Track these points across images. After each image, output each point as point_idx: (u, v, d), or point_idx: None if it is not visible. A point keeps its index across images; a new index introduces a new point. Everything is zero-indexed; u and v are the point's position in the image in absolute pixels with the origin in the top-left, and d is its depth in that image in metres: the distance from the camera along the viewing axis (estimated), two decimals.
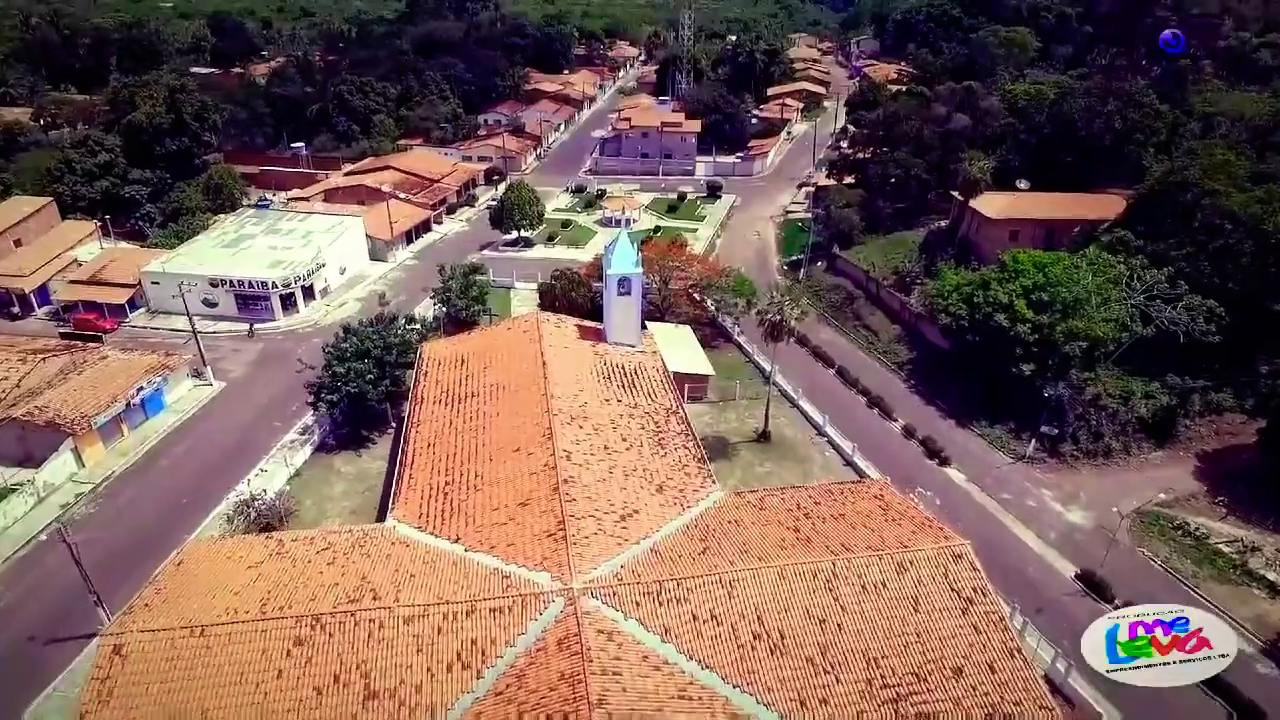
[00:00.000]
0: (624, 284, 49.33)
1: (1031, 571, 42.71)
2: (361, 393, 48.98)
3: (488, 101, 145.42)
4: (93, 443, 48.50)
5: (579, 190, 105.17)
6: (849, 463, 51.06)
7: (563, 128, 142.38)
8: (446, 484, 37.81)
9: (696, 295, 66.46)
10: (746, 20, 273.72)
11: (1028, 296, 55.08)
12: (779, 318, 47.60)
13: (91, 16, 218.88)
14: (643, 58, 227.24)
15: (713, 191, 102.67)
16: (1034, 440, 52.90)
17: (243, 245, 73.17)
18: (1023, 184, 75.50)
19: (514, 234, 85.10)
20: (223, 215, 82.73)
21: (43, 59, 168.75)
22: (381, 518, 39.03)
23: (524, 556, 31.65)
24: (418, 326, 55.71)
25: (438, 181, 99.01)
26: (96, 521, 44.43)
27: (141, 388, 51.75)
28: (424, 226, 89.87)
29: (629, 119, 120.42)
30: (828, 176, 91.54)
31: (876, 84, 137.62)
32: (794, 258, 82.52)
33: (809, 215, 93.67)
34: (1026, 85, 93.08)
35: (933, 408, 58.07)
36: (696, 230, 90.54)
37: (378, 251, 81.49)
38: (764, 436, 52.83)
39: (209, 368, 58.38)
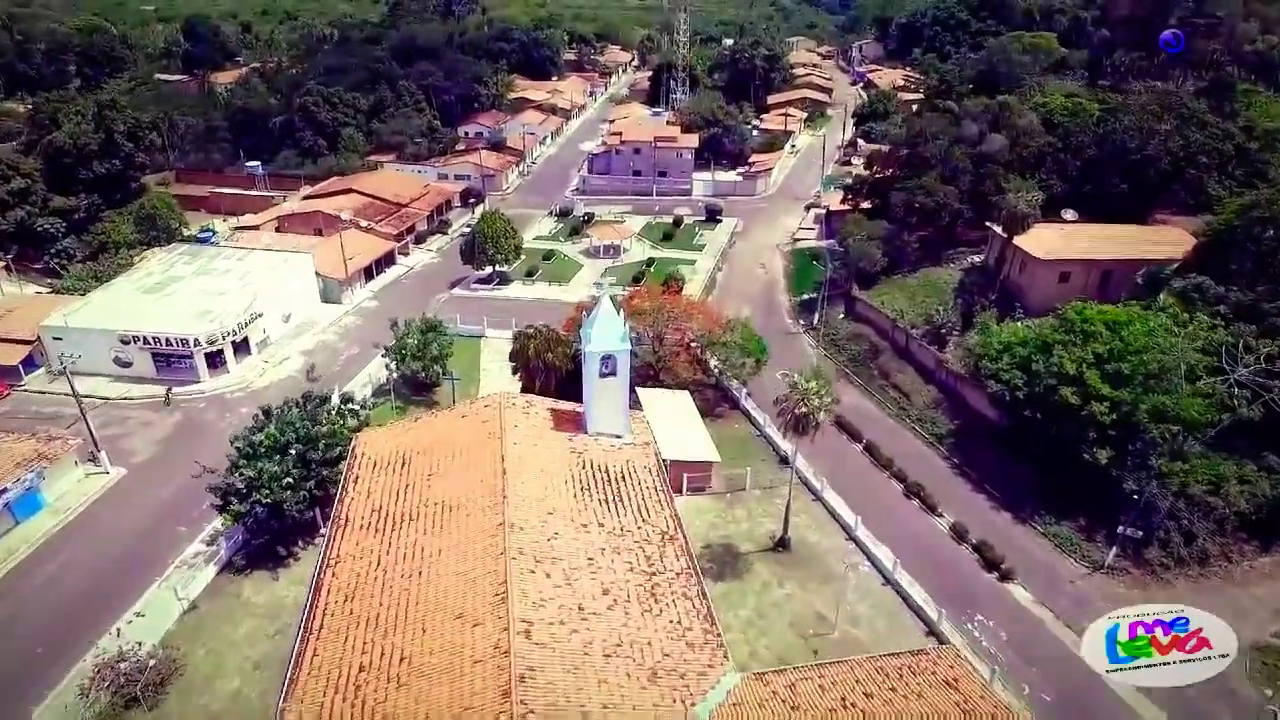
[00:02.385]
0: (608, 363, 39.29)
1: None
2: (278, 502, 38.73)
3: (469, 112, 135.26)
4: None
5: (564, 214, 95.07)
6: (889, 581, 41.05)
7: (549, 140, 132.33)
8: (362, 670, 27.60)
9: (697, 351, 56.34)
10: (742, 23, 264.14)
11: (1100, 366, 45.25)
12: (804, 410, 37.55)
13: (64, 19, 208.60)
14: (636, 62, 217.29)
15: (712, 215, 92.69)
16: (1114, 545, 43.00)
17: (168, 290, 62.85)
18: (1069, 214, 65.64)
19: (488, 269, 74.95)
20: (155, 250, 72.28)
21: None
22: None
23: None
24: (355, 407, 45.32)
25: (406, 206, 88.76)
26: None
27: (6, 489, 41.41)
28: (388, 259, 79.64)
29: (619, 133, 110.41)
30: (842, 201, 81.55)
31: (886, 93, 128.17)
32: (806, 296, 72.52)
33: (821, 244, 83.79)
34: (1062, 98, 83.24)
35: (982, 495, 48.16)
36: (695, 262, 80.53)
37: (331, 292, 71.25)
38: (782, 544, 42.79)
39: (104, 451, 48.00)
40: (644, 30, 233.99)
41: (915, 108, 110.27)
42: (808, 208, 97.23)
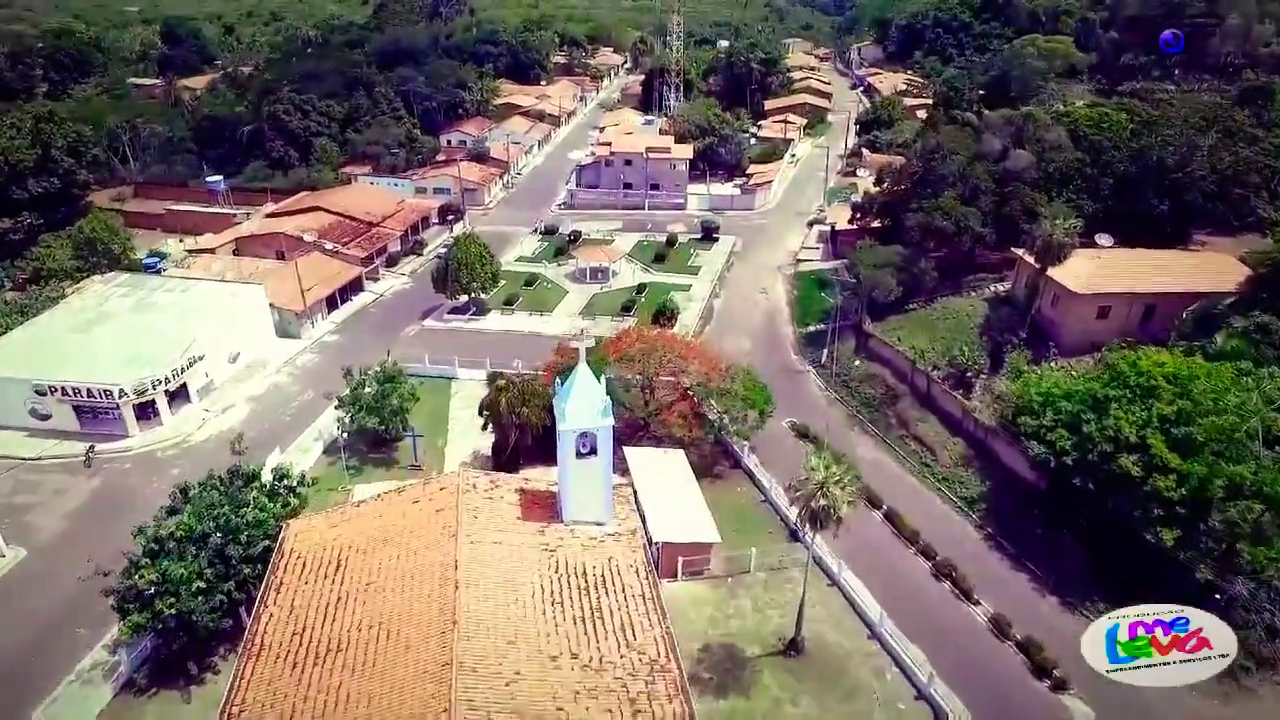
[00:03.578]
0: (586, 440, 32.66)
1: None
2: (187, 611, 31.93)
3: (453, 119, 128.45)
4: None
5: (549, 232, 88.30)
6: (922, 695, 34.45)
7: (536, 149, 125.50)
8: None
9: (692, 397, 49.57)
10: (737, 25, 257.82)
11: (1165, 429, 38.79)
12: (824, 503, 30.91)
13: (40, 20, 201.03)
14: (628, 65, 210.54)
15: (708, 233, 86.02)
16: None
17: (99, 328, 55.93)
18: (1105, 240, 59.21)
19: (463, 298, 68.18)
20: (95, 279, 65.27)
21: None
22: None
23: None
24: (291, 484, 38.48)
25: (378, 225, 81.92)
26: None
27: None
28: (354, 285, 72.78)
29: (609, 143, 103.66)
30: (850, 221, 74.92)
31: (891, 99, 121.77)
32: (812, 328, 65.91)
33: (826, 266, 77.21)
34: (1085, 108, 76.93)
35: (1023, 574, 41.66)
36: (689, 288, 73.84)
37: (288, 325, 64.39)
38: (795, 646, 36.15)
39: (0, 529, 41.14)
40: (637, 32, 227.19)
41: (926, 117, 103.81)
42: (811, 224, 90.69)
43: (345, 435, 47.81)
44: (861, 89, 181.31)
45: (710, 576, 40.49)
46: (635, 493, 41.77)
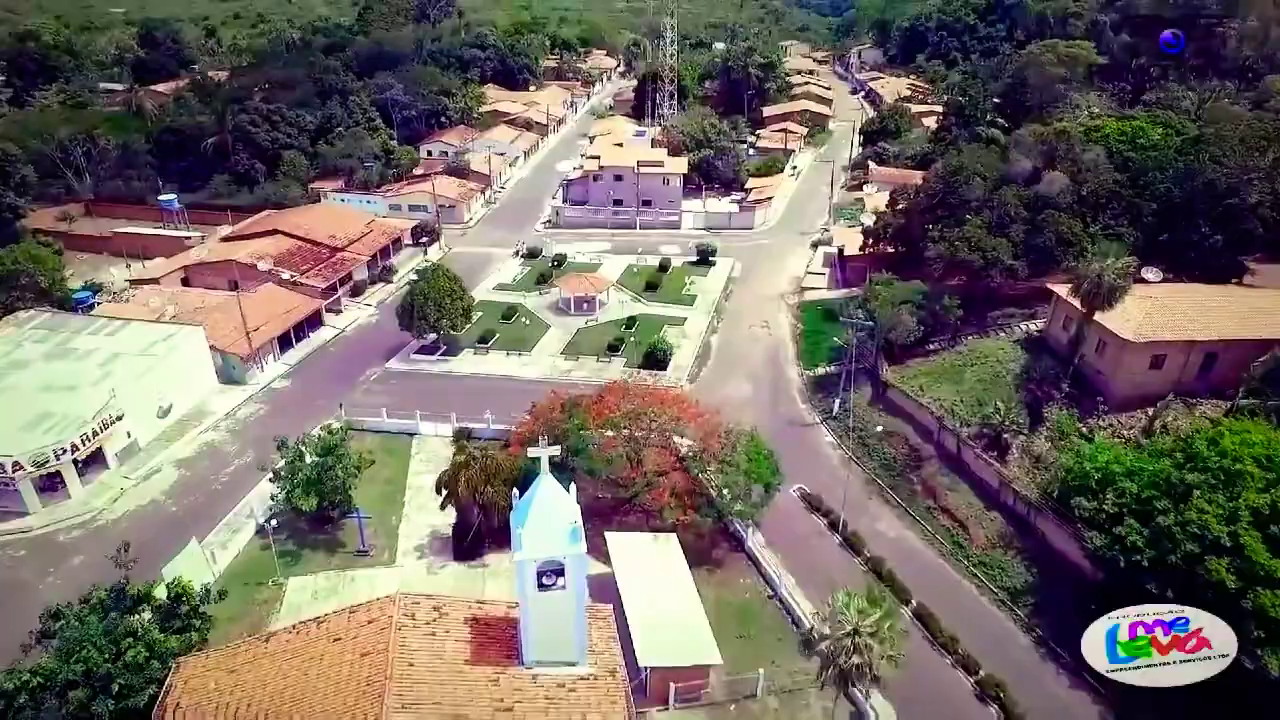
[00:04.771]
0: (552, 570, 25.62)
1: None
2: None
3: (435, 128, 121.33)
4: None
5: (531, 255, 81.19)
6: None
7: (522, 159, 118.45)
8: None
9: (687, 467, 42.57)
10: (733, 26, 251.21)
11: (1261, 524, 31.96)
12: (858, 660, 23.93)
13: (19, 22, 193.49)
14: (621, 68, 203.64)
15: (704, 256, 79.06)
16: None
17: (2, 381, 48.67)
18: (1152, 274, 52.28)
19: (431, 336, 61.08)
20: (10, 317, 57.88)
21: None
22: None
23: None
24: (192, 606, 31.22)
25: (342, 250, 74.74)
26: None
27: None
28: (314, 319, 65.61)
29: (598, 156, 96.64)
30: (862, 248, 67.90)
31: (898, 108, 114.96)
32: (821, 370, 58.97)
33: (833, 294, 70.22)
34: (1116, 122, 70.16)
35: (1086, 692, 34.65)
36: (684, 322, 66.87)
37: (232, 369, 57.23)
38: None
39: None
40: (631, 35, 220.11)
41: (937, 126, 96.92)
42: (815, 245, 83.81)
43: (274, 523, 40.43)
44: (862, 94, 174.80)
45: (709, 703, 33.49)
46: (619, 595, 34.91)
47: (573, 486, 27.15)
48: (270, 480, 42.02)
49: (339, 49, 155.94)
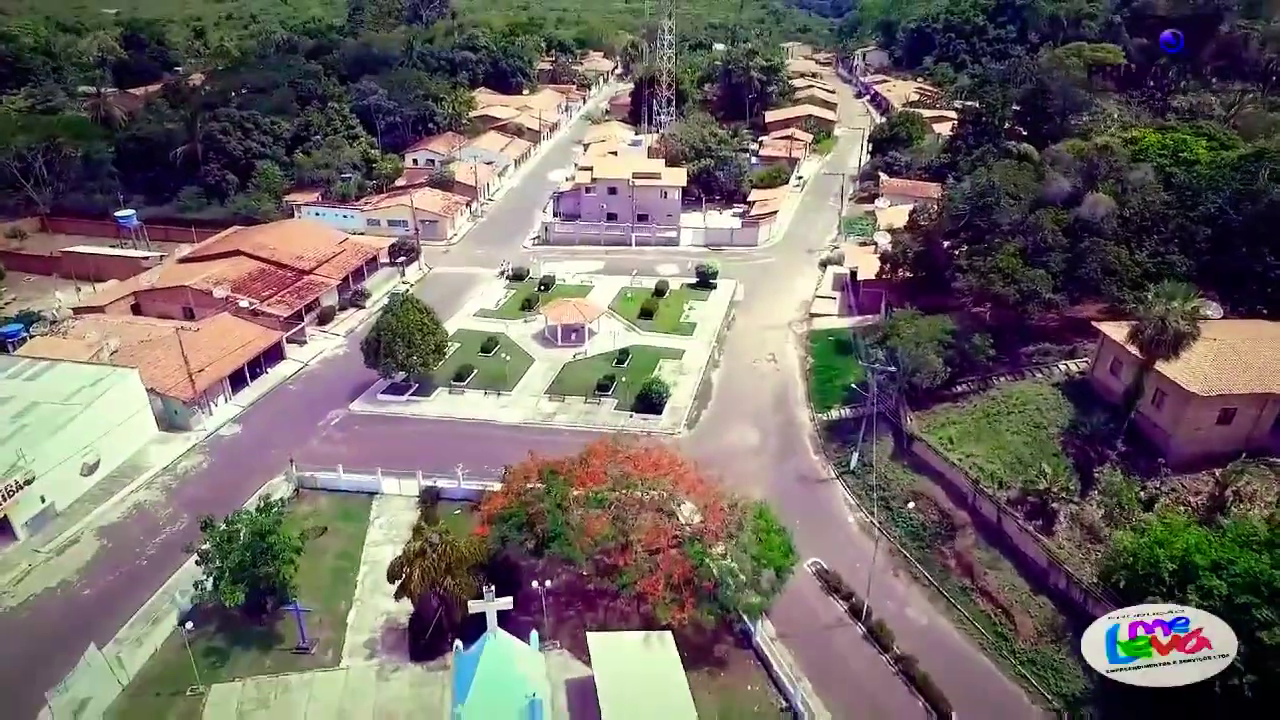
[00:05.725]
0: None
1: None
2: None
3: (422, 135, 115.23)
4: None
5: (517, 277, 75.01)
6: None
7: (512, 168, 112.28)
8: None
9: (684, 550, 36.35)
10: (733, 27, 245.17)
11: None
12: None
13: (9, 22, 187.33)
14: (619, 71, 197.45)
15: (704, 279, 72.91)
16: None
17: None
18: (1212, 310, 45.90)
19: (400, 374, 54.91)
20: None
21: None
22: None
23: None
24: None
25: (310, 273, 68.58)
26: None
27: None
28: (272, 353, 59.44)
29: (591, 167, 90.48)
30: (881, 276, 61.50)
31: (910, 115, 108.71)
32: (835, 413, 52.76)
33: (847, 324, 64.06)
34: (1155, 133, 64.12)
35: None
36: (682, 355, 60.73)
37: (175, 415, 51.09)
38: None
39: None
40: (629, 35, 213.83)
41: (952, 136, 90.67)
42: (823, 265, 77.62)
43: (189, 625, 34.09)
44: (868, 98, 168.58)
45: None
46: (599, 707, 28.76)
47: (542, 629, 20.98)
48: (196, 563, 35.81)
49: (325, 51, 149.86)
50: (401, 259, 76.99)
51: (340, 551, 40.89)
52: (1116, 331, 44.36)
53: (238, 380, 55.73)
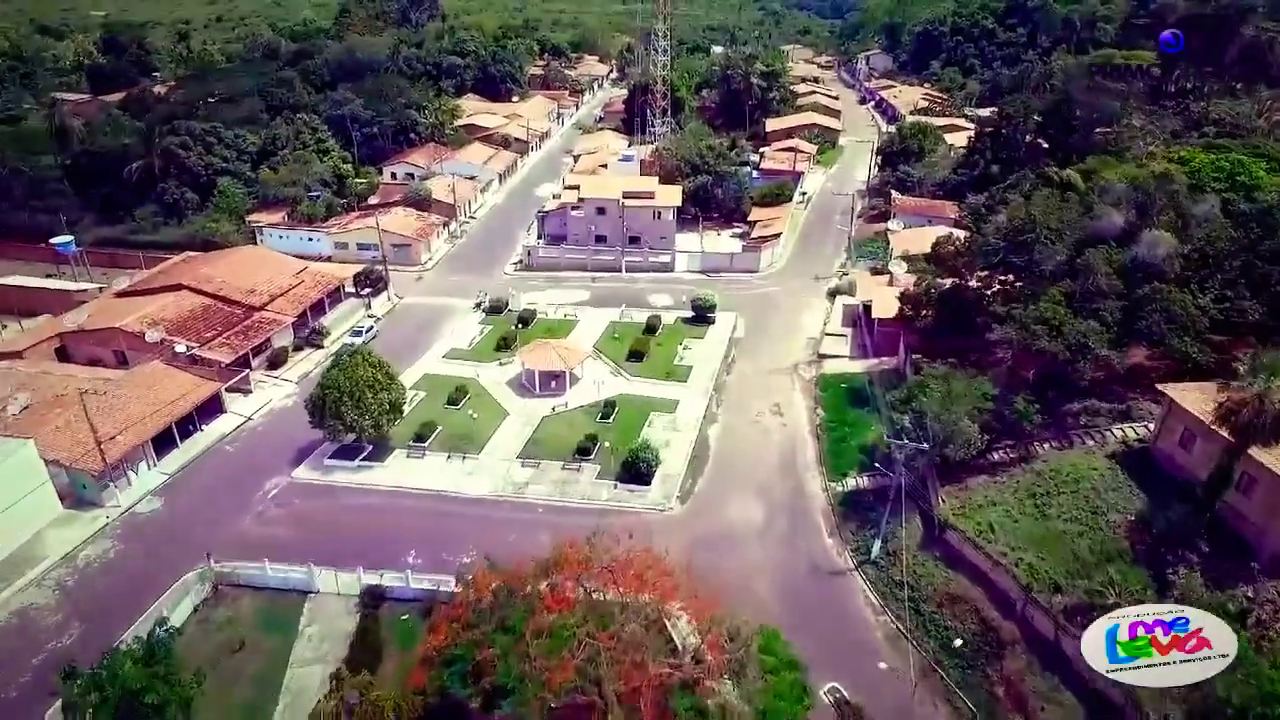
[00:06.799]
0: None
1: None
2: None
3: (403, 146, 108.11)
4: None
5: (494, 310, 67.91)
6: None
7: (497, 183, 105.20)
8: None
9: (668, 692, 29.20)
10: (732, 29, 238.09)
11: None
12: None
13: None
14: (614, 75, 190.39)
15: (701, 313, 65.84)
16: None
17: None
18: None
19: (350, 436, 47.74)
20: None
21: None
22: None
23: None
24: None
25: (261, 309, 61.50)
26: None
27: None
28: (210, 405, 52.31)
29: (578, 186, 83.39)
30: (899, 316, 54.34)
31: (922, 127, 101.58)
32: (852, 483, 45.65)
33: (860, 368, 57.02)
34: (1205, 153, 57.11)
35: None
36: (676, 406, 53.61)
37: (83, 490, 43.95)
38: None
39: None
40: (625, 38, 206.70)
41: (968, 150, 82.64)
42: (832, 294, 70.60)
43: None
44: (873, 104, 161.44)
45: None
46: None
47: None
48: (64, 715, 28.69)
49: (308, 56, 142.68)
50: (368, 290, 69.86)
51: (257, 675, 33.74)
52: (1188, 398, 37.45)
53: (166, 441, 48.58)
